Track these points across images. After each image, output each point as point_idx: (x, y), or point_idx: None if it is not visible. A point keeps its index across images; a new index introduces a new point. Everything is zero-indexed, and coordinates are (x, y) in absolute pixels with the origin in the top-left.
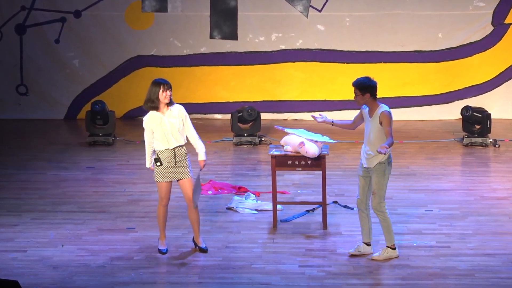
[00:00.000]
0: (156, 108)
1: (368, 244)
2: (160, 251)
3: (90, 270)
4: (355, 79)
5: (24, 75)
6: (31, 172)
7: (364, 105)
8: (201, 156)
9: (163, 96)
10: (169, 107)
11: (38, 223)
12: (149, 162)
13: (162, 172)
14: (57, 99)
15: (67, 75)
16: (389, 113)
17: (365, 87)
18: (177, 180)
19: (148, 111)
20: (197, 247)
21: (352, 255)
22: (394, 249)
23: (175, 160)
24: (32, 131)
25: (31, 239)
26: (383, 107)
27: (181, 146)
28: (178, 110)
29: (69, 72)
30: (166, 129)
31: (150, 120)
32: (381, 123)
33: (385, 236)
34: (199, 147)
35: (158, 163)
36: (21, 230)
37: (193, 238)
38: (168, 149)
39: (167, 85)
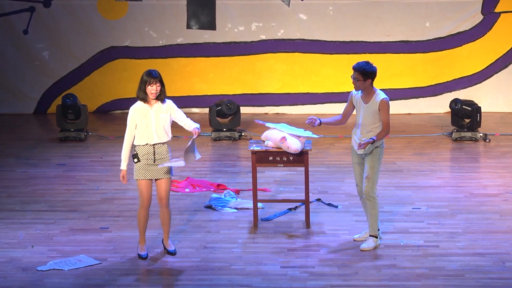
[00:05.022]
0: (144, 100)
1: None
2: (140, 257)
3: (61, 272)
4: (355, 63)
5: None
6: None
7: (355, 91)
8: (195, 125)
9: (149, 90)
10: (159, 101)
11: (7, 223)
12: (125, 162)
13: (141, 170)
14: (26, 93)
15: (36, 68)
16: (388, 100)
17: (368, 73)
18: (155, 180)
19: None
20: (165, 249)
21: (356, 240)
22: (377, 237)
23: (154, 157)
24: None
25: None
26: (381, 94)
27: (163, 143)
28: (167, 106)
29: (39, 65)
30: (150, 123)
31: (136, 111)
32: (379, 110)
33: (371, 224)
34: (191, 122)
35: (136, 160)
36: None
37: (162, 240)
38: (147, 144)
39: (154, 79)
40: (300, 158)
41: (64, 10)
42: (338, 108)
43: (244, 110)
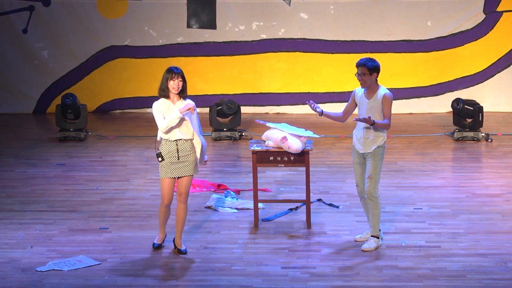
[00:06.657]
0: (167, 97)
1: None
2: (153, 245)
3: (61, 273)
4: (359, 60)
5: None
6: None
7: (357, 88)
8: (203, 145)
9: (171, 85)
10: (181, 98)
11: (6, 223)
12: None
13: (165, 168)
14: (26, 92)
15: (36, 67)
16: (392, 96)
17: (374, 67)
18: (177, 178)
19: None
20: (176, 248)
21: (358, 241)
22: (379, 238)
23: (178, 154)
24: None
25: None
26: (384, 89)
27: (186, 140)
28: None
29: (38, 64)
30: None
31: (159, 104)
32: (382, 105)
33: (373, 224)
34: (198, 142)
35: (160, 158)
36: None
37: (173, 239)
38: (170, 140)
39: (177, 74)
40: (301, 158)
41: (64, 9)
42: (339, 108)
43: (244, 109)
